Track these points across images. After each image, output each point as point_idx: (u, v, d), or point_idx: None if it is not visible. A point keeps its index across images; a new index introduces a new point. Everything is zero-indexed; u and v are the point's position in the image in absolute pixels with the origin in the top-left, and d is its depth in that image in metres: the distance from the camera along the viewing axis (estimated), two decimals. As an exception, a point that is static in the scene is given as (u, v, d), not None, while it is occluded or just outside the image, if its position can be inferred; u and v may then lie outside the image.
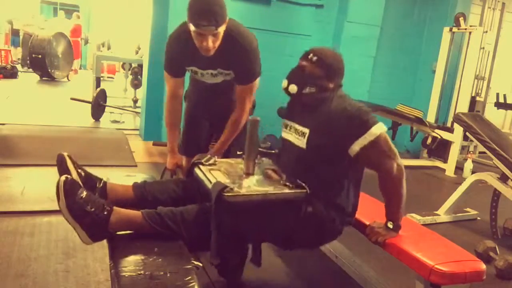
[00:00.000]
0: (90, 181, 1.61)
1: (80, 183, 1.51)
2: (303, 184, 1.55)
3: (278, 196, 1.52)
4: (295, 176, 1.60)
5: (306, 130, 1.62)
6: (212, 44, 1.77)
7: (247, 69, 1.94)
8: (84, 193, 1.39)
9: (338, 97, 1.63)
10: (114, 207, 1.45)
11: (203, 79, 2.04)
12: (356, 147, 1.53)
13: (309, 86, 1.61)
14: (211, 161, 1.76)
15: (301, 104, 1.70)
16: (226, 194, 1.45)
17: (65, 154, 1.57)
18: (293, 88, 1.63)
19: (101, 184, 1.63)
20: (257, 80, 2.01)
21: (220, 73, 1.98)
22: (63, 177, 1.38)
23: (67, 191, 1.36)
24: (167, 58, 2.03)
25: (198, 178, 1.68)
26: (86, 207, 1.37)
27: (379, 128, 1.54)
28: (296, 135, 1.67)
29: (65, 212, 1.36)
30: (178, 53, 1.97)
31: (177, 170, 2.16)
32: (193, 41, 1.84)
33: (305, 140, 1.62)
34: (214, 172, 1.65)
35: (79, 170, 1.59)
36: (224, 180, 1.56)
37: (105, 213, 1.40)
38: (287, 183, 1.57)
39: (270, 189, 1.54)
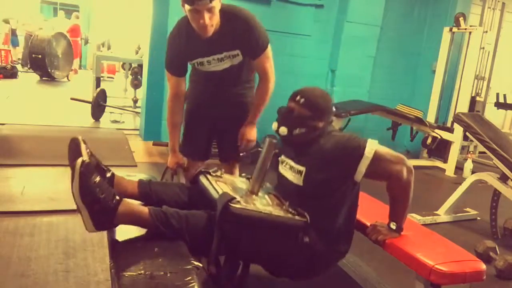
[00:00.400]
0: (100, 170, 1.61)
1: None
2: (305, 213, 1.56)
3: (280, 219, 1.53)
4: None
5: (302, 168, 1.64)
6: (209, 21, 1.77)
7: (255, 39, 1.93)
8: (98, 179, 1.39)
9: (327, 134, 1.66)
10: (124, 199, 1.45)
11: (209, 69, 2.01)
12: (361, 169, 1.55)
13: (299, 128, 1.64)
14: (218, 173, 1.78)
15: (293, 145, 1.72)
16: (233, 205, 1.45)
17: (80, 138, 1.56)
18: (284, 130, 1.66)
19: (110, 175, 1.64)
20: (269, 47, 2.02)
21: (226, 57, 1.97)
22: (80, 159, 1.36)
23: (82, 173, 1.34)
24: (168, 56, 2.03)
25: (203, 187, 1.69)
26: (98, 192, 1.37)
27: (372, 144, 1.56)
28: (293, 173, 1.69)
29: (76, 195, 1.35)
30: (180, 48, 1.97)
31: (178, 169, 2.16)
32: (193, 32, 1.85)
33: (301, 178, 1.64)
34: (220, 184, 1.66)
35: (92, 158, 1.59)
36: (231, 193, 1.57)
37: (115, 202, 1.40)
38: (290, 209, 1.58)
39: (274, 211, 1.55)
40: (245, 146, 2.12)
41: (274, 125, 1.70)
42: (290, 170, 1.70)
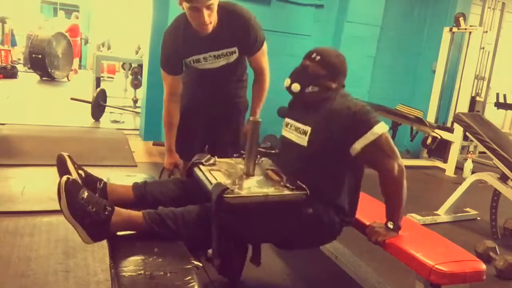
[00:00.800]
0: (90, 182, 1.61)
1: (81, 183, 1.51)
2: (304, 186, 1.55)
3: (278, 198, 1.52)
4: (295, 174, 1.60)
5: (308, 128, 1.63)
6: (208, 18, 1.77)
7: (253, 36, 1.94)
8: (86, 194, 1.39)
9: (341, 96, 1.64)
10: (116, 208, 1.45)
11: (205, 66, 2.01)
12: (357, 146, 1.54)
13: (312, 85, 1.63)
14: (211, 161, 1.76)
15: (303, 103, 1.71)
16: (226, 195, 1.44)
17: (65, 154, 1.57)
18: (296, 87, 1.64)
19: (101, 185, 1.63)
20: (265, 44, 2.03)
21: (223, 55, 1.97)
22: (64, 178, 1.37)
23: (68, 191, 1.35)
24: (164, 55, 2.02)
25: (198, 179, 1.68)
26: (88, 207, 1.37)
27: (381, 128, 1.54)
28: (297, 133, 1.67)
29: (66, 213, 1.36)
30: (176, 46, 1.96)
31: (174, 170, 2.16)
32: (190, 29, 1.85)
33: (306, 138, 1.62)
34: (214, 173, 1.65)
35: (79, 171, 1.59)
36: (225, 181, 1.56)
37: (106, 213, 1.40)
38: (288, 185, 1.56)
39: (270, 191, 1.53)
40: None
41: (287, 81, 1.69)
42: (295, 132, 1.69)
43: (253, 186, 1.57)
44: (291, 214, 1.56)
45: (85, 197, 1.38)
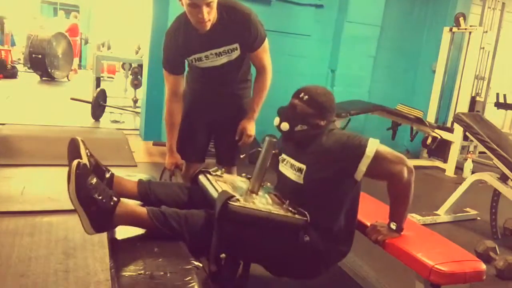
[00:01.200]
0: (99, 171, 1.61)
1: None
2: (305, 212, 1.56)
3: (280, 218, 1.53)
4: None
5: (303, 166, 1.64)
6: (207, 15, 1.77)
7: (254, 32, 1.94)
8: (94, 180, 1.39)
9: (328, 132, 1.66)
10: (121, 199, 1.45)
11: (207, 64, 2.00)
12: (361, 168, 1.55)
13: (301, 124, 1.64)
14: (218, 173, 1.77)
15: (293, 141, 1.72)
16: (232, 203, 1.45)
17: (79, 138, 1.57)
18: (285, 126, 1.66)
19: (109, 175, 1.64)
20: (267, 42, 2.03)
21: (224, 52, 1.96)
22: (76, 161, 1.36)
23: (78, 175, 1.34)
24: (165, 55, 2.02)
25: (203, 186, 1.68)
26: (94, 194, 1.37)
27: (374, 144, 1.56)
28: (293, 170, 1.68)
29: (73, 197, 1.35)
30: (177, 45, 1.96)
31: (175, 170, 2.16)
32: (190, 28, 1.85)
33: (302, 176, 1.64)
34: (220, 183, 1.66)
35: (91, 159, 1.59)
36: (230, 191, 1.57)
37: (112, 203, 1.40)
38: (290, 208, 1.58)
39: (274, 209, 1.54)
40: (244, 141, 2.10)
41: (276, 120, 1.70)
42: (291, 168, 1.70)
43: (258, 202, 1.57)
44: (289, 237, 1.56)
45: (93, 183, 1.38)
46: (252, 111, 2.10)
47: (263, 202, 1.60)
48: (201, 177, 1.73)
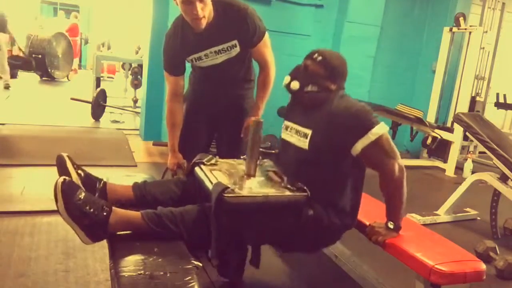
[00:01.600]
0: (90, 182, 1.61)
1: (80, 184, 1.51)
2: (304, 187, 1.54)
3: (279, 199, 1.52)
4: (297, 177, 1.59)
5: (309, 131, 1.62)
6: (201, 11, 1.77)
7: (252, 27, 1.93)
8: (83, 194, 1.39)
9: (340, 98, 1.63)
10: (114, 208, 1.45)
11: (207, 63, 2.00)
12: (358, 146, 1.54)
13: (311, 85, 1.62)
14: (212, 161, 1.76)
15: (302, 104, 1.71)
16: (226, 195, 1.44)
17: (65, 155, 1.57)
18: (295, 85, 1.64)
19: (101, 185, 1.63)
20: (267, 34, 2.03)
21: (224, 50, 1.96)
22: (60, 179, 1.37)
23: (65, 192, 1.35)
24: (166, 56, 2.03)
25: (199, 178, 1.68)
26: (85, 208, 1.37)
27: (381, 128, 1.54)
28: (298, 136, 1.67)
29: (63, 214, 1.36)
30: (176, 47, 1.97)
31: (178, 170, 2.16)
32: (188, 28, 1.86)
33: (307, 141, 1.62)
34: (215, 172, 1.65)
35: (79, 171, 1.59)
36: (225, 180, 1.56)
37: (104, 214, 1.40)
38: (289, 186, 1.56)
39: (271, 191, 1.53)
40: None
41: (286, 79, 1.69)
42: (296, 135, 1.68)
43: (254, 187, 1.56)
44: (291, 215, 1.55)
45: (82, 197, 1.38)
46: (257, 108, 2.09)
47: (260, 184, 1.58)
48: (197, 169, 1.72)
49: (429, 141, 4.96)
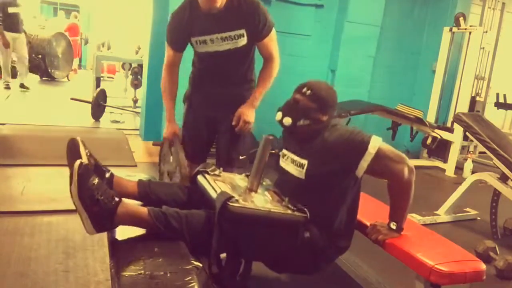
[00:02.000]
0: (99, 171, 1.61)
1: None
2: (304, 209, 1.56)
3: (280, 216, 1.53)
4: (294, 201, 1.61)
5: (305, 161, 1.65)
6: None
7: (262, 20, 1.97)
8: (96, 181, 1.40)
9: (331, 127, 1.66)
10: (123, 199, 1.46)
11: (211, 48, 2.00)
12: (363, 165, 1.56)
13: (303, 119, 1.65)
14: (216, 172, 1.77)
15: (295, 136, 1.73)
16: (231, 204, 1.45)
17: (79, 138, 1.57)
18: (288, 121, 1.67)
19: (109, 175, 1.65)
20: (274, 30, 2.06)
21: (230, 38, 1.97)
22: (78, 161, 1.37)
23: (81, 176, 1.35)
24: (169, 30, 2.06)
25: (201, 186, 1.68)
26: (96, 194, 1.37)
27: (376, 141, 1.56)
28: (294, 166, 1.69)
29: (75, 198, 1.36)
30: (181, 22, 1.99)
31: (174, 139, 2.16)
32: (196, 10, 1.88)
33: (303, 171, 1.64)
34: (218, 183, 1.66)
35: (91, 159, 1.59)
36: (229, 191, 1.57)
37: (113, 203, 1.41)
38: (289, 206, 1.58)
39: (273, 208, 1.54)
40: (241, 127, 2.07)
41: (278, 115, 1.71)
42: (292, 164, 1.70)
43: (257, 201, 1.57)
44: (289, 235, 1.56)
45: (95, 183, 1.38)
46: (253, 98, 2.08)
47: (262, 201, 1.60)
48: (200, 178, 1.73)
49: (429, 141, 4.96)
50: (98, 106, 5.23)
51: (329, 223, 1.64)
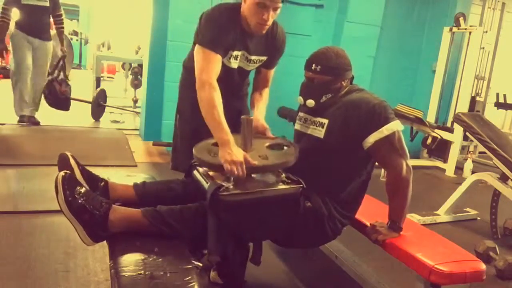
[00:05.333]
0: (92, 181, 1.61)
1: (83, 182, 1.53)
2: (299, 180, 1.56)
3: (274, 193, 1.53)
4: (309, 167, 1.62)
5: (325, 120, 1.65)
6: (270, 19, 1.77)
7: (283, 51, 1.97)
8: (83, 189, 1.41)
9: (359, 90, 1.68)
10: (113, 205, 1.45)
11: (231, 64, 1.89)
12: (371, 139, 1.56)
13: (325, 94, 1.65)
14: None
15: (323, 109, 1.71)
16: (221, 193, 1.45)
17: (68, 153, 1.59)
18: (311, 103, 1.67)
19: (103, 183, 1.64)
20: None
21: (258, 61, 1.95)
22: (62, 172, 1.39)
23: (66, 186, 1.37)
24: (214, 29, 1.75)
25: (196, 179, 1.68)
26: (84, 202, 1.38)
27: (396, 125, 1.58)
28: (314, 126, 1.69)
29: (63, 207, 1.37)
30: (228, 29, 1.79)
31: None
32: (239, 24, 1.79)
33: (323, 130, 1.64)
34: (212, 173, 1.65)
35: (82, 171, 1.59)
36: (222, 180, 1.56)
37: (103, 210, 1.41)
38: (284, 179, 1.57)
39: (265, 186, 1.54)
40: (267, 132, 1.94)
41: (300, 99, 1.71)
42: (312, 125, 1.70)
43: (249, 182, 1.56)
44: (289, 208, 1.56)
45: (82, 192, 1.40)
46: (260, 113, 1.99)
47: (256, 180, 1.58)
48: (194, 171, 1.72)
49: (429, 141, 4.95)
50: (98, 106, 5.23)
51: (335, 191, 1.64)
